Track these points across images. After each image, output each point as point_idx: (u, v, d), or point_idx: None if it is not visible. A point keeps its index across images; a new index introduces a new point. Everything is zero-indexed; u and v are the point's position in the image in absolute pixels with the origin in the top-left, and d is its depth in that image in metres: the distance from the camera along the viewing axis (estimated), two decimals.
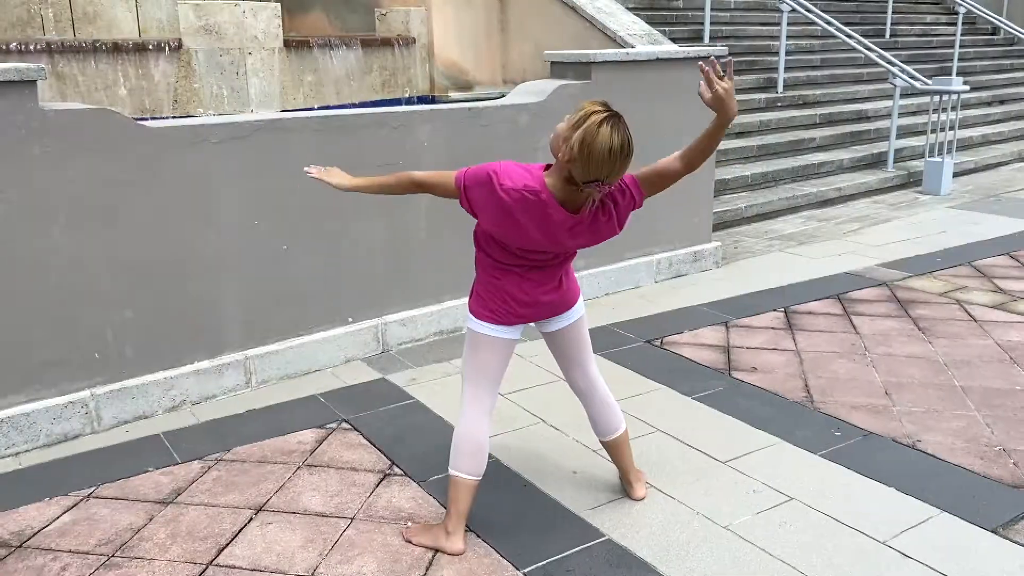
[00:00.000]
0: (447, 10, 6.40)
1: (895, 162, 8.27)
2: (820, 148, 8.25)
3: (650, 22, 8.76)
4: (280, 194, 3.80)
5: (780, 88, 8.64)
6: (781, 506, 2.85)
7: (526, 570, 2.54)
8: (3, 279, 3.17)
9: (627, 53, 4.90)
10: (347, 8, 6.75)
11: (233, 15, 4.68)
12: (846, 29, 8.91)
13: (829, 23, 8.81)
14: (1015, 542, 2.63)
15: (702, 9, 8.95)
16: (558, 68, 4.94)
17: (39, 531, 2.77)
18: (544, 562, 2.57)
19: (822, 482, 2.99)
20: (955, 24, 11.48)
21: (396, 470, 3.13)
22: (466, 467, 2.61)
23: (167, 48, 4.62)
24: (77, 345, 3.38)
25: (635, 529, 2.73)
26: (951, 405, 3.55)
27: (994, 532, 2.68)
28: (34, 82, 3.15)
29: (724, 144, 7.50)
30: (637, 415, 3.52)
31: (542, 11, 6.36)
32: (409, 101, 6.02)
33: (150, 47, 4.61)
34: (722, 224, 6.58)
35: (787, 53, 8.94)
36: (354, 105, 5.39)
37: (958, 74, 10.84)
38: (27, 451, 3.31)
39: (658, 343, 4.32)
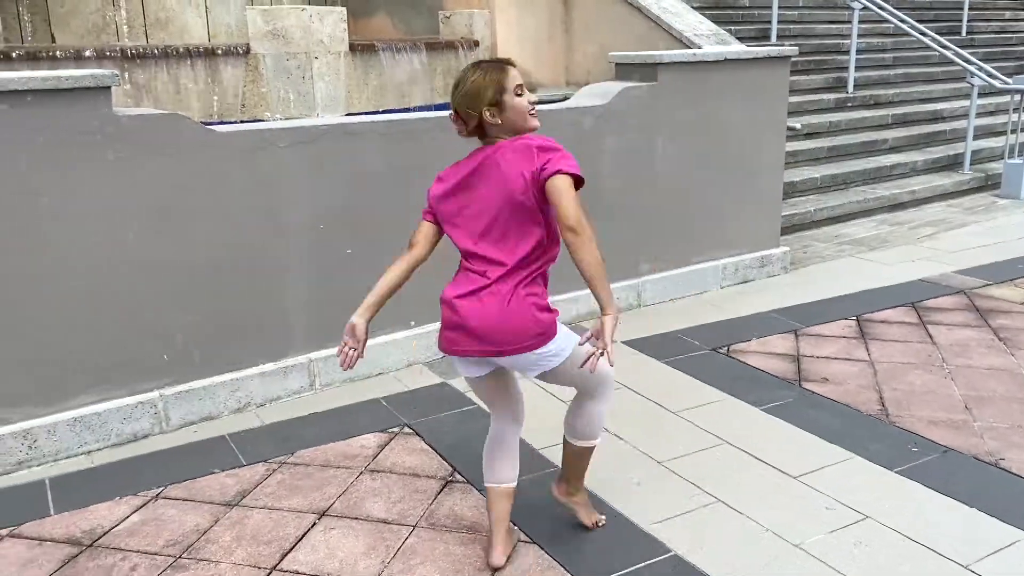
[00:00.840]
0: (511, 12, 6.37)
1: (972, 164, 7.97)
2: (893, 150, 7.99)
3: (716, 21, 8.60)
4: (345, 198, 3.81)
5: (850, 88, 8.40)
6: (855, 525, 2.74)
7: None
8: (76, 282, 3.24)
9: (694, 54, 4.81)
10: (412, 11, 6.78)
11: (300, 20, 4.73)
12: (920, 27, 8.62)
13: (903, 20, 8.54)
14: None
15: (769, 8, 8.76)
16: (623, 70, 4.87)
17: (109, 530, 2.82)
18: (612, 575, 2.52)
19: (898, 500, 2.87)
20: None
21: (458, 477, 3.10)
22: (489, 476, 2.57)
23: (236, 53, 4.69)
24: (147, 347, 3.44)
25: (702, 545, 2.66)
26: None
27: None
28: (108, 88, 3.21)
29: (793, 146, 7.31)
30: (702, 426, 3.44)
31: (607, 12, 6.29)
32: None
33: (219, 52, 4.68)
34: (791, 228, 6.41)
35: (858, 52, 8.69)
36: (418, 108, 5.40)
37: None
38: (98, 450, 3.38)
39: (724, 351, 4.22)
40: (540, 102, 5.59)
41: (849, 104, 8.34)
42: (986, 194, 7.73)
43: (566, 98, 4.89)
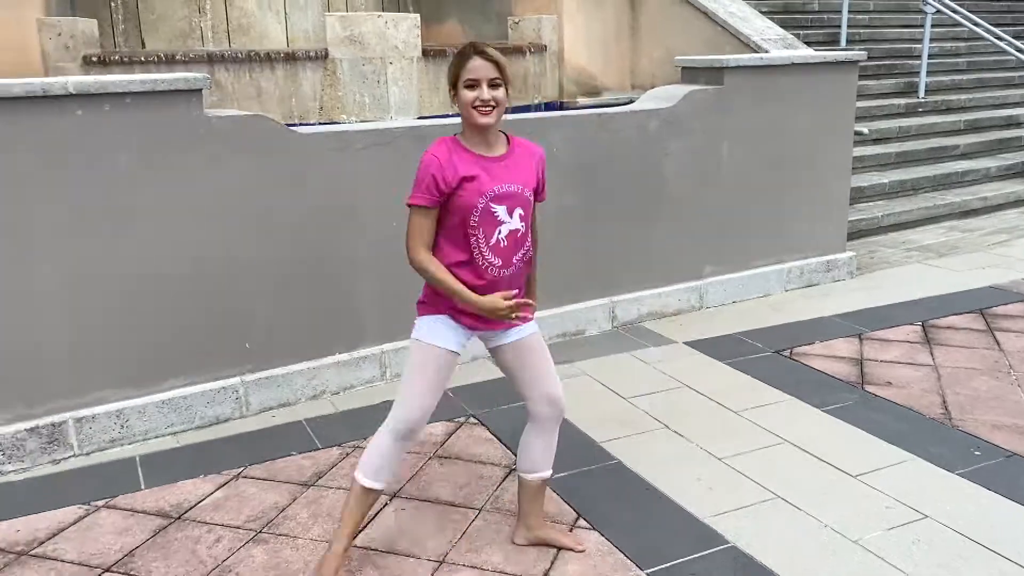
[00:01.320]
0: (578, 17, 6.48)
1: None
2: (964, 156, 7.86)
3: (784, 25, 8.56)
4: None
5: (922, 93, 8.29)
6: (915, 523, 2.77)
7: (649, 571, 2.57)
8: (167, 273, 3.45)
9: (760, 58, 4.85)
10: (481, 17, 6.94)
11: (376, 26, 4.91)
12: (995, 30, 8.45)
13: (977, 24, 8.38)
14: None
15: (839, 12, 8.69)
16: (689, 73, 4.94)
17: (195, 505, 3.01)
18: (668, 564, 2.60)
19: (959, 501, 2.89)
20: None
21: None
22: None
23: (314, 58, 4.90)
24: (230, 335, 3.64)
25: (760, 538, 2.72)
26: None
27: None
28: (200, 90, 3.41)
29: (861, 151, 7.26)
30: (763, 425, 3.49)
31: (673, 16, 6.35)
32: (537, 108, 6.13)
33: (299, 57, 4.89)
34: (857, 233, 6.38)
35: (930, 56, 8.56)
36: None
37: None
38: (184, 431, 3.58)
39: (787, 353, 4.25)
40: (605, 105, 5.70)
41: (920, 109, 8.23)
42: None
43: (631, 101, 4.97)
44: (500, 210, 2.39)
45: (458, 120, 2.48)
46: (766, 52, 5.50)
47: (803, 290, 5.25)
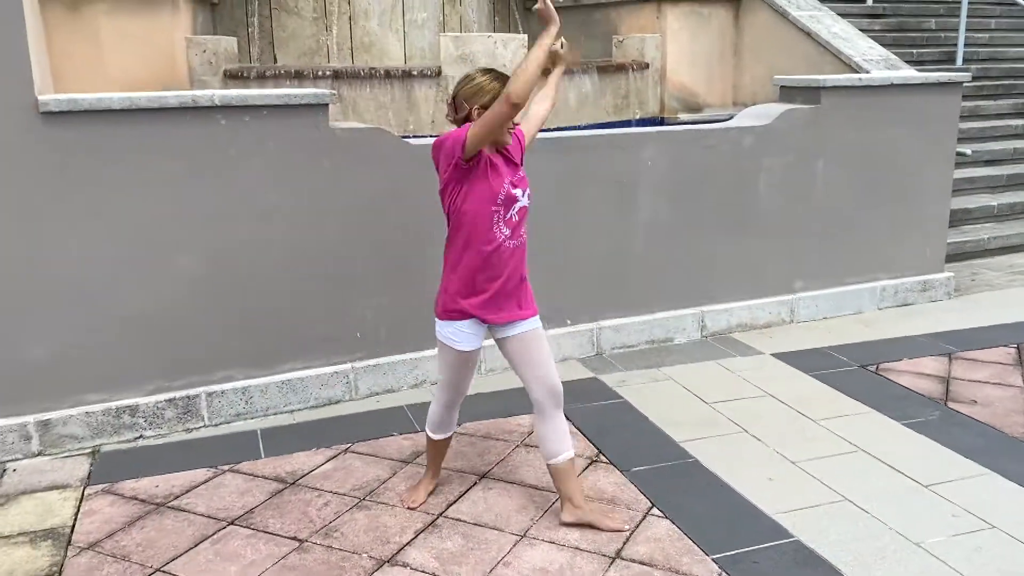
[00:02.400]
0: (682, 36, 6.66)
1: None
2: None
3: (898, 44, 8.49)
4: None
5: None
6: (980, 532, 2.86)
7: (715, 556, 2.76)
8: (290, 266, 3.84)
9: (859, 79, 4.93)
10: (588, 36, 7.20)
11: (486, 46, 5.25)
12: None
13: None
14: None
15: (956, 30, 8.53)
16: (787, 92, 5.06)
17: (307, 473, 3.37)
18: (733, 552, 2.78)
19: None
20: None
21: (602, 458, 3.45)
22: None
23: (428, 75, 5.27)
24: (343, 325, 4.01)
25: (825, 535, 2.87)
26: None
27: None
28: (326, 105, 3.80)
29: (970, 172, 7.15)
30: (840, 434, 3.60)
31: (777, 36, 6.45)
32: (638, 123, 6.34)
33: (415, 74, 5.27)
34: (961, 255, 6.31)
35: None
36: (590, 126, 5.80)
37: None
38: (300, 409, 3.97)
39: (873, 368, 4.32)
40: (704, 121, 5.87)
41: None
42: None
43: (731, 118, 5.13)
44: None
45: (557, 134, 2.76)
46: (867, 72, 5.55)
47: (897, 309, 5.27)
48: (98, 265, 3.53)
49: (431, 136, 5.58)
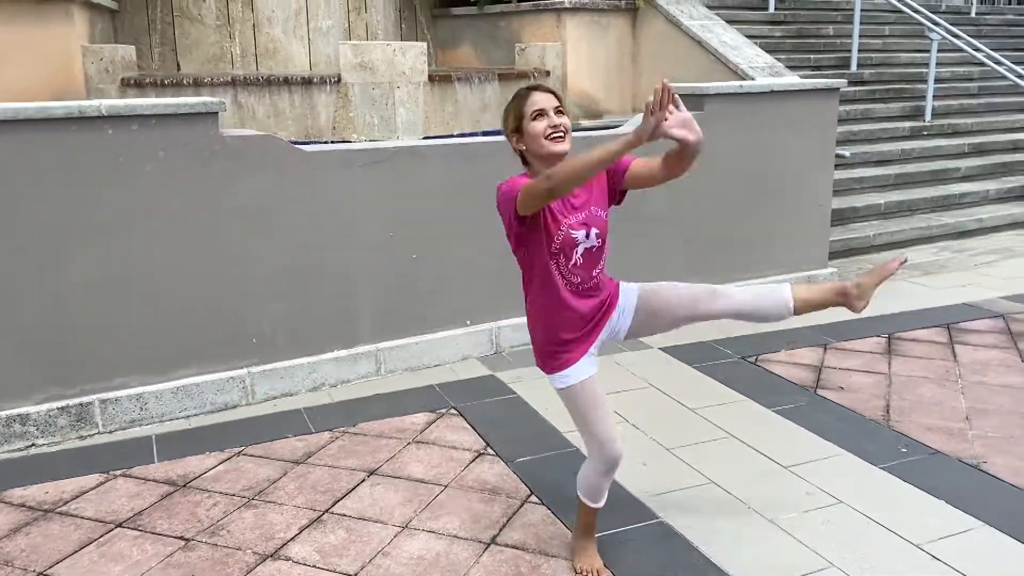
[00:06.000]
0: (581, 45, 6.88)
1: None
2: (965, 178, 8.07)
3: (798, 50, 8.88)
4: (413, 209, 4.37)
5: (928, 116, 8.51)
6: (829, 507, 3.09)
7: None
8: (183, 274, 3.90)
9: (740, 86, 5.19)
10: (492, 44, 7.38)
11: (385, 54, 5.37)
12: (995, 55, 8.65)
13: (977, 49, 8.60)
14: None
15: (851, 36, 8.95)
16: None
17: (199, 476, 3.44)
18: (604, 533, 2.94)
19: (874, 491, 3.20)
20: None
21: (489, 451, 3.59)
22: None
23: (328, 82, 5.36)
24: (239, 330, 4.08)
25: (689, 516, 3.06)
26: None
27: None
28: (216, 113, 3.87)
29: (859, 172, 7.53)
30: (714, 421, 3.82)
31: (671, 45, 6.72)
32: None
33: (314, 81, 5.36)
34: (849, 251, 6.65)
35: (940, 81, 8.79)
36: (489, 133, 5.96)
37: None
38: (195, 415, 4.02)
39: (753, 359, 4.57)
40: (603, 127, 6.08)
41: (925, 132, 8.44)
42: None
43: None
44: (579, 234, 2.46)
45: (451, 141, 2.85)
46: (752, 79, 5.83)
47: None
48: None
49: (332, 142, 5.71)
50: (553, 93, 2.47)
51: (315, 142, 5.04)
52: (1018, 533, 2.89)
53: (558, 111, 2.41)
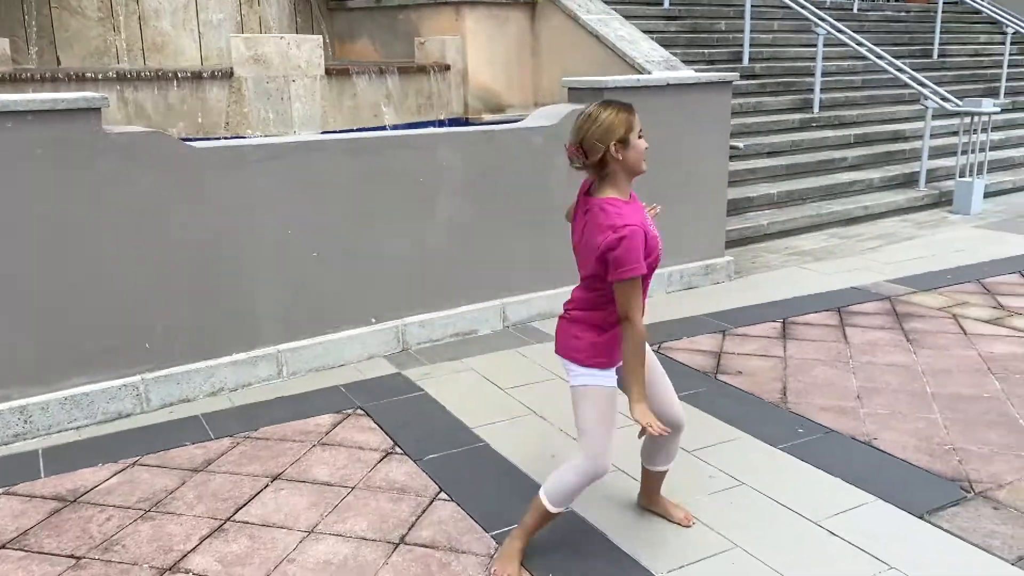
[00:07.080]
0: (481, 38, 6.87)
1: (927, 182, 8.40)
2: (852, 167, 8.43)
3: (693, 44, 9.10)
4: (312, 206, 4.27)
5: (816, 109, 8.85)
6: (732, 489, 3.17)
7: (493, 533, 2.92)
8: (68, 277, 3.70)
9: (638, 79, 5.27)
10: (391, 37, 7.29)
11: (279, 47, 5.22)
12: (877, 49, 9.07)
13: (860, 43, 8.99)
14: (937, 526, 2.91)
15: (743, 31, 9.22)
16: (575, 93, 5.33)
17: (91, 489, 3.27)
18: (510, 527, 2.94)
19: (774, 471, 3.30)
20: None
21: (397, 450, 3.54)
22: None
23: (220, 76, 5.18)
24: (130, 336, 3.90)
25: (598, 503, 3.09)
26: (916, 409, 3.81)
27: (920, 517, 2.96)
28: (99, 109, 3.68)
29: (753, 163, 7.77)
30: (620, 411, 3.85)
31: (570, 39, 6.78)
32: (441, 123, 6.49)
33: (205, 75, 5.18)
34: (744, 240, 6.85)
35: (827, 75, 9.15)
36: (396, 127, 5.89)
37: (1007, 95, 10.85)
38: (86, 425, 3.83)
39: (656, 347, 4.65)
40: (504, 121, 6.08)
41: (814, 124, 8.78)
42: (939, 210, 8.16)
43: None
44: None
45: (348, 136, 2.79)
46: (648, 73, 5.93)
47: (682, 292, 5.68)
48: None
49: (224, 138, 5.53)
50: None
51: (208, 138, 4.87)
52: (907, 505, 3.03)
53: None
